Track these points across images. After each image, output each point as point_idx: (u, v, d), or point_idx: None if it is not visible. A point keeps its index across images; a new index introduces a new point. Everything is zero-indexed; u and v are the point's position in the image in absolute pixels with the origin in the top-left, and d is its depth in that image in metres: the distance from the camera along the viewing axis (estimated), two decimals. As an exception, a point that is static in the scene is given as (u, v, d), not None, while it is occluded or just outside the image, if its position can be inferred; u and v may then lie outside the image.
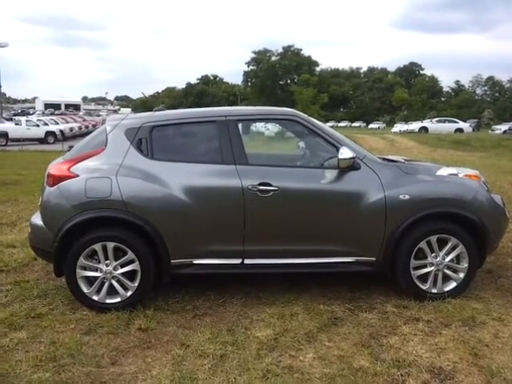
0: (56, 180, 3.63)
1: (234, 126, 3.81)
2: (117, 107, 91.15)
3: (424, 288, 3.78)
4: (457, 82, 79.57)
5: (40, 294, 3.94)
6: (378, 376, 2.75)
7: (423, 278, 3.79)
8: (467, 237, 3.77)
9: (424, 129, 40.75)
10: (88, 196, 3.53)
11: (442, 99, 77.05)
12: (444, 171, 4.01)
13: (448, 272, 3.81)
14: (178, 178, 3.62)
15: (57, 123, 28.84)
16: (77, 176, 3.60)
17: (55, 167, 3.76)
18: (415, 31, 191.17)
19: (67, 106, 64.93)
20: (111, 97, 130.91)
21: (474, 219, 3.74)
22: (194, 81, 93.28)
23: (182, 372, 2.80)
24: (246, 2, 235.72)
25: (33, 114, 43.49)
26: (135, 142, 3.73)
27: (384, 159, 4.14)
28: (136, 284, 3.61)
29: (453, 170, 4.08)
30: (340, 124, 66.26)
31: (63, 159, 3.86)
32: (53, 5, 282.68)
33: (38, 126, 26.56)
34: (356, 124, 67.90)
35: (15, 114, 42.22)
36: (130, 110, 69.85)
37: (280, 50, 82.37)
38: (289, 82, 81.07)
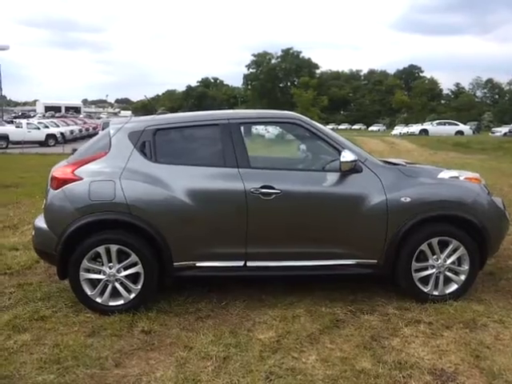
0: (60, 183, 3.66)
1: (236, 130, 3.83)
2: (117, 110, 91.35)
3: (425, 290, 3.80)
4: (457, 85, 79.74)
5: (43, 297, 3.96)
6: (380, 378, 2.77)
7: (425, 280, 3.81)
8: (468, 239, 3.79)
9: (424, 131, 40.76)
10: (92, 199, 3.55)
11: (442, 102, 77.12)
12: (445, 174, 4.04)
13: (449, 274, 3.83)
14: (181, 181, 3.65)
15: (57, 126, 28.87)
16: (81, 179, 3.62)
17: (59, 170, 3.79)
18: (415, 33, 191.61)
19: (68, 108, 64.92)
20: (111, 99, 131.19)
21: (475, 222, 3.76)
22: (194, 83, 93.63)
23: (185, 374, 2.82)
24: (245, 4, 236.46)
25: (33, 116, 43.51)
26: (138, 145, 3.75)
27: (385, 162, 4.17)
28: (139, 286, 3.63)
29: (454, 173, 4.11)
30: (340, 126, 66.41)
31: (67, 162, 3.89)
32: (53, 7, 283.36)
33: (38, 128, 26.59)
34: (356, 126, 68.05)
35: (16, 117, 42.27)
36: (130, 112, 69.93)
37: (280, 53, 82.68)
38: (289, 84, 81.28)
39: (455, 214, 3.79)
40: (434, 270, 3.80)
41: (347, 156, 3.65)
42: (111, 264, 3.61)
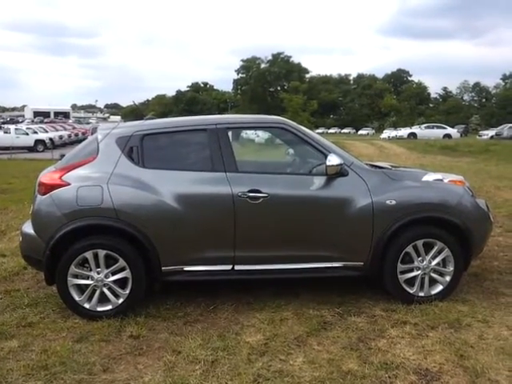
0: (47, 188, 3.66)
1: (224, 134, 3.86)
2: (106, 115, 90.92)
3: (411, 292, 3.85)
4: (444, 89, 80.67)
5: (31, 303, 3.95)
6: (366, 378, 2.81)
7: (410, 281, 3.86)
8: (453, 241, 3.85)
9: (413, 135, 41.18)
10: (79, 204, 3.56)
11: (431, 105, 77.92)
12: (429, 177, 4.10)
13: (434, 275, 3.88)
14: (169, 186, 3.67)
15: (46, 131, 28.66)
16: (68, 184, 3.62)
17: (47, 176, 3.79)
18: (403, 38, 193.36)
19: (56, 113, 64.34)
20: (101, 104, 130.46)
21: (458, 224, 3.83)
22: (184, 88, 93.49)
23: (173, 378, 2.83)
24: (235, 9, 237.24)
25: (22, 122, 43.09)
26: (126, 150, 3.77)
27: (371, 166, 4.22)
28: (127, 291, 3.64)
29: (438, 176, 4.17)
30: (330, 130, 66.79)
31: (55, 168, 3.89)
32: (42, 12, 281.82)
33: (27, 134, 26.40)
34: (345, 130, 68.44)
35: (4, 123, 41.75)
36: (119, 117, 69.61)
37: (269, 57, 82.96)
38: (279, 89, 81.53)
39: (439, 216, 3.85)
40: (419, 272, 3.85)
41: (333, 160, 3.70)
42: (99, 269, 3.61)
